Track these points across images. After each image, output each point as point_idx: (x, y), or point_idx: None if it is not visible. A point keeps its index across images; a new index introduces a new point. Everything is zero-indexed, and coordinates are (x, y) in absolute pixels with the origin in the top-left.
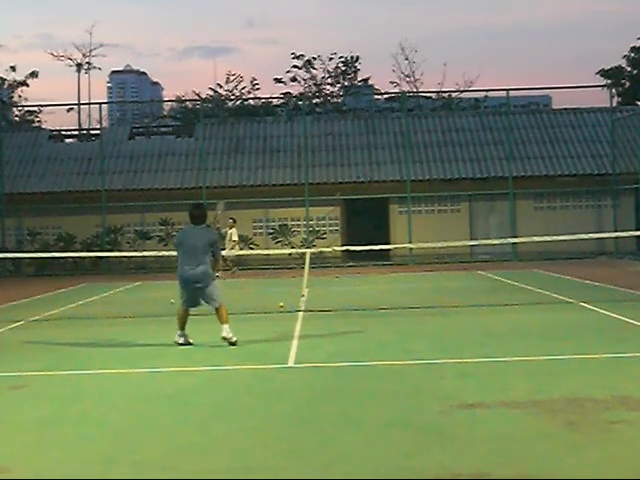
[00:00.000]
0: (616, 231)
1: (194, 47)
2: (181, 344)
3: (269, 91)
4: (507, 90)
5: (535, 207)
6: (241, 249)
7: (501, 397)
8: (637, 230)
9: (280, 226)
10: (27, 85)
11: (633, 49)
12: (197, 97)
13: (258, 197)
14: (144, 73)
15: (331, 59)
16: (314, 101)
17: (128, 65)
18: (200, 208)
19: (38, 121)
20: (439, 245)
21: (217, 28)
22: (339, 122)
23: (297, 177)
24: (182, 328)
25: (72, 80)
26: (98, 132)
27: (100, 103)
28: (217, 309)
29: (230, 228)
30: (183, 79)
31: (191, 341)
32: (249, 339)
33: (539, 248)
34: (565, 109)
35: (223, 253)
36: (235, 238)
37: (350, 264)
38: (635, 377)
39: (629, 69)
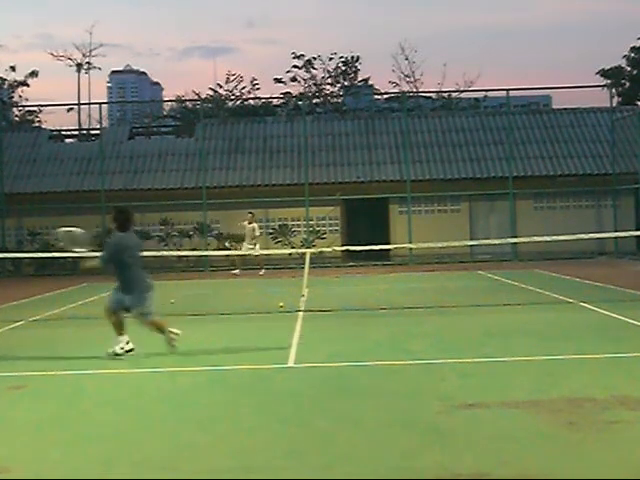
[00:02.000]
0: (616, 231)
1: (194, 47)
2: (127, 351)
3: (269, 91)
4: (507, 90)
5: (535, 207)
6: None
7: (501, 397)
8: (637, 230)
9: (280, 226)
10: (27, 85)
11: (633, 49)
12: (197, 97)
13: (258, 197)
14: (144, 73)
15: (331, 59)
16: (314, 101)
17: (128, 65)
18: (129, 212)
19: (38, 121)
20: (439, 245)
21: (217, 28)
22: (339, 122)
23: (297, 177)
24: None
25: (72, 80)
26: (98, 132)
27: (100, 103)
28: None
29: (249, 223)
30: (183, 79)
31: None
32: (249, 339)
33: (539, 248)
34: (565, 109)
35: (245, 251)
36: (258, 233)
37: (350, 264)
38: (635, 377)
39: (629, 69)
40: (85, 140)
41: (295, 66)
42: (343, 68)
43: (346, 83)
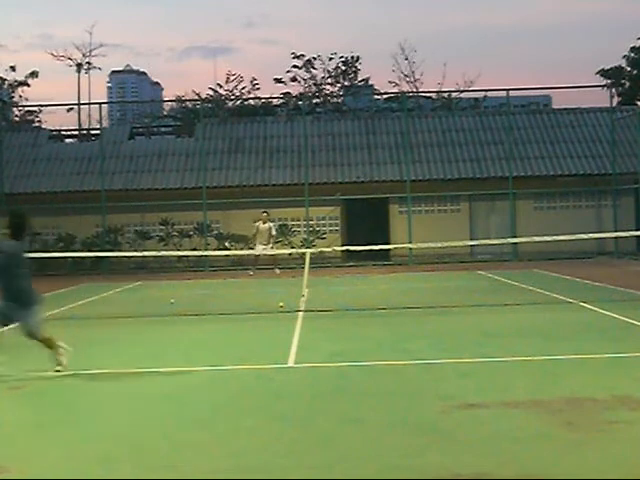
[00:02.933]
0: (616, 231)
1: (194, 47)
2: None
3: (269, 91)
4: (507, 90)
5: (535, 207)
6: (243, 248)
7: (501, 397)
8: (637, 230)
9: (280, 226)
10: (28, 85)
11: (633, 49)
12: (197, 97)
13: (258, 197)
14: (144, 73)
15: (331, 59)
16: (314, 101)
17: (128, 65)
18: (26, 217)
19: (38, 121)
20: (439, 245)
21: (217, 28)
22: (339, 122)
23: (297, 177)
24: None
25: (72, 80)
26: (98, 132)
27: (100, 103)
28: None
29: (264, 222)
30: (183, 79)
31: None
32: (249, 339)
33: (539, 248)
34: (565, 109)
35: (260, 252)
36: (274, 232)
37: (350, 264)
38: (635, 377)
39: (629, 69)
40: (85, 140)
41: (295, 66)
42: (343, 68)
43: (346, 83)
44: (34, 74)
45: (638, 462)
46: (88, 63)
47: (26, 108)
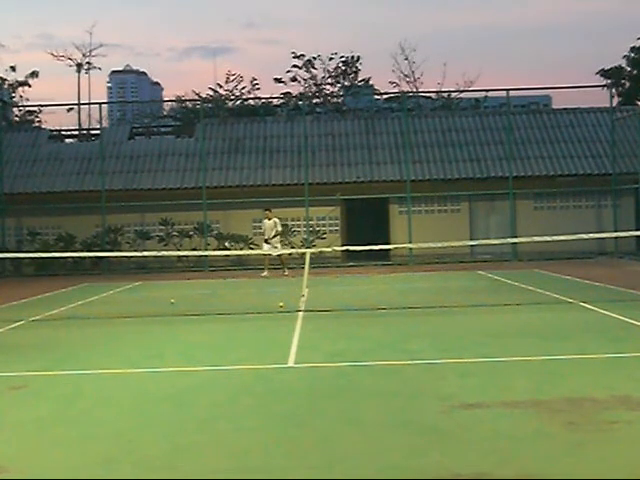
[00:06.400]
0: (616, 231)
1: (194, 47)
2: None
3: (269, 91)
4: (507, 90)
5: (535, 207)
6: (243, 248)
7: (501, 397)
8: (637, 230)
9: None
10: (28, 85)
11: (633, 49)
12: (197, 97)
13: (258, 197)
14: (144, 73)
15: (331, 59)
16: (314, 101)
17: (128, 65)
18: None
19: (38, 121)
20: (439, 245)
21: (217, 28)
22: (339, 122)
23: (297, 177)
24: None
25: (72, 80)
26: (98, 132)
27: (100, 103)
28: None
29: (269, 219)
30: (183, 79)
31: None
32: (249, 339)
33: (539, 248)
34: (565, 109)
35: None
36: (280, 228)
37: (350, 264)
38: (635, 377)
39: (629, 69)
40: (85, 140)
41: (295, 66)
42: (343, 68)
43: (346, 83)
44: (34, 74)
45: (638, 462)
46: (88, 63)
47: (26, 108)
